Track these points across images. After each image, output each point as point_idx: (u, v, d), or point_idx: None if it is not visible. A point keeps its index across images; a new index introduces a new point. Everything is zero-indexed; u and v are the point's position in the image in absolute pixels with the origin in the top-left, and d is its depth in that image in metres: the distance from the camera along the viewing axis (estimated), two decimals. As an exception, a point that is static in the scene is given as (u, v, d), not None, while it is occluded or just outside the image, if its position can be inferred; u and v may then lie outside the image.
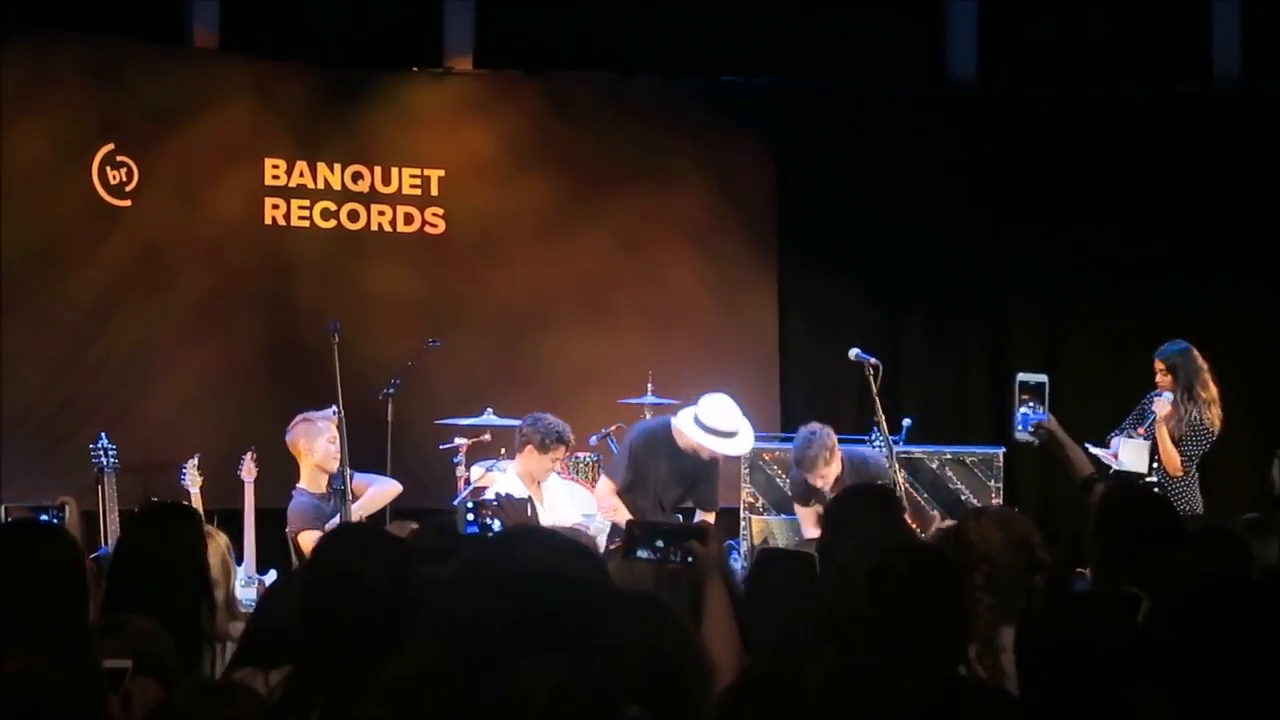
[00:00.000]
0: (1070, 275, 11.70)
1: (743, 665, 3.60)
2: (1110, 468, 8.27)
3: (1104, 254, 11.57)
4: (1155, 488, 8.02)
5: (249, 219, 10.88)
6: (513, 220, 11.39)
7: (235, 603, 5.15)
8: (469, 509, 6.42)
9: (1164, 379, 8.58)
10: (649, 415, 10.01)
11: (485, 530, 5.78)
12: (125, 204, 10.39)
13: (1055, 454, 6.20)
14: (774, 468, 9.78)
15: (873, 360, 8.58)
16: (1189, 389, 8.49)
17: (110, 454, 8.80)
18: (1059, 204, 11.60)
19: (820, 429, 8.34)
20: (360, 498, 8.07)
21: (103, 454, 8.79)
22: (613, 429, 9.80)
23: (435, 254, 11.30)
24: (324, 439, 8.03)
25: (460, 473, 9.27)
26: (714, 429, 8.16)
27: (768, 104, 11.67)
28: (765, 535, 9.26)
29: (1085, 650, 2.99)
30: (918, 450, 9.82)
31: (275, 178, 10.97)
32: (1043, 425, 6.02)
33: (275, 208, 10.97)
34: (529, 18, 11.61)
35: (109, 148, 10.32)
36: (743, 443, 8.40)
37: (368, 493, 8.15)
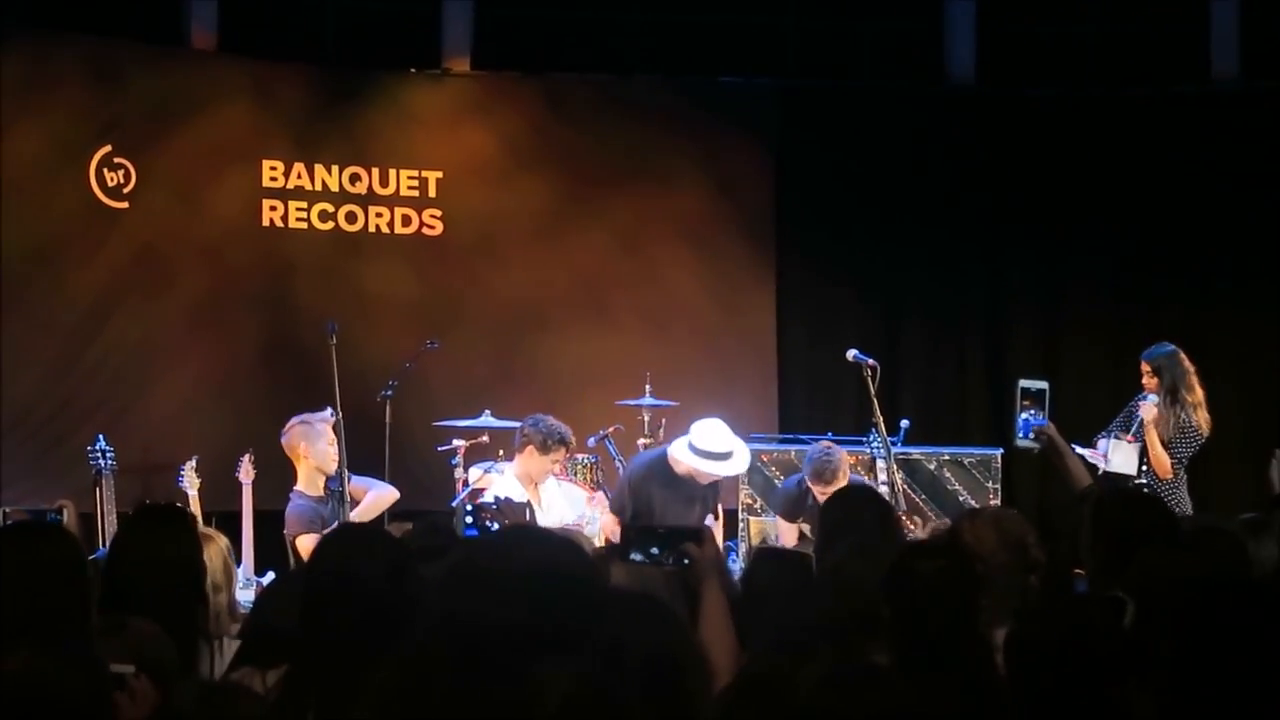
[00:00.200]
0: (1069, 275, 11.69)
1: (740, 665, 3.61)
2: (1100, 469, 8.29)
3: (1102, 254, 11.57)
4: (1145, 489, 8.05)
5: (247, 220, 10.87)
6: (511, 221, 11.37)
7: (235, 605, 5.14)
8: (468, 512, 6.43)
9: (1150, 381, 8.59)
10: (647, 415, 10.02)
11: (485, 534, 5.78)
12: (123, 206, 10.38)
13: (1054, 463, 6.20)
14: (772, 469, 9.78)
15: (871, 361, 8.58)
16: (1173, 391, 8.49)
17: (108, 456, 8.80)
18: (1058, 204, 11.60)
19: (833, 446, 8.38)
20: (358, 502, 8.05)
21: (101, 456, 8.79)
22: (611, 430, 9.79)
23: (433, 255, 11.29)
24: (323, 442, 7.98)
25: (458, 474, 9.25)
26: (709, 452, 8.17)
27: (767, 104, 11.65)
28: (763, 536, 9.27)
29: (1071, 651, 3.02)
30: (916, 451, 9.82)
31: (273, 179, 10.96)
32: (1043, 430, 6.03)
33: (273, 209, 10.96)
34: (527, 18, 11.59)
35: (106, 149, 10.30)
36: (738, 463, 8.44)
37: (365, 500, 8.10)
